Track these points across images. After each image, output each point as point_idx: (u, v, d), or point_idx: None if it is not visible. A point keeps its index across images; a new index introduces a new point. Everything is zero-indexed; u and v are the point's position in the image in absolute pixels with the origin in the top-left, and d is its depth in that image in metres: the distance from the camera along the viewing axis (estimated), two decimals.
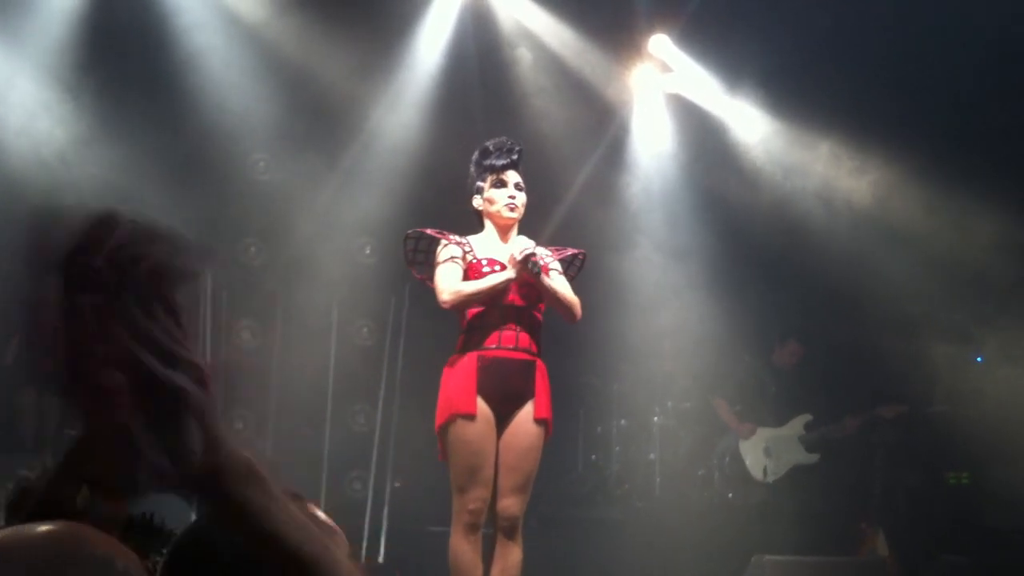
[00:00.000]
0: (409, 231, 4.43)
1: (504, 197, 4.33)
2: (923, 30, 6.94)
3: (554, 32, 7.66)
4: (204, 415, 0.82)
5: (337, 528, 1.59)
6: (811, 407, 7.53)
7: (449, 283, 4.21)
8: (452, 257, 4.27)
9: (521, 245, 4.26)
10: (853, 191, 7.77)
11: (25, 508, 1.15)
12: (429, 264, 4.36)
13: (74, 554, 0.96)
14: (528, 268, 4.14)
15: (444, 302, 4.21)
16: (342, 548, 1.61)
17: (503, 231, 4.38)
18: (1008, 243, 7.07)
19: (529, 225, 4.67)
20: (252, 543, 0.88)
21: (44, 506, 1.09)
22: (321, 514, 1.63)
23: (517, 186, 4.37)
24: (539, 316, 4.31)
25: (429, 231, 4.38)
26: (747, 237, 7.97)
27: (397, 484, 7.49)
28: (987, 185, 6.91)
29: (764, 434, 7.49)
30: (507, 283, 4.18)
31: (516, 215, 4.37)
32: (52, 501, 1.06)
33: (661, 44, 7.91)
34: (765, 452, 7.43)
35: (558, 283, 4.34)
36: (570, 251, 4.56)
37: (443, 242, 4.32)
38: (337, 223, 7.71)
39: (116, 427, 0.79)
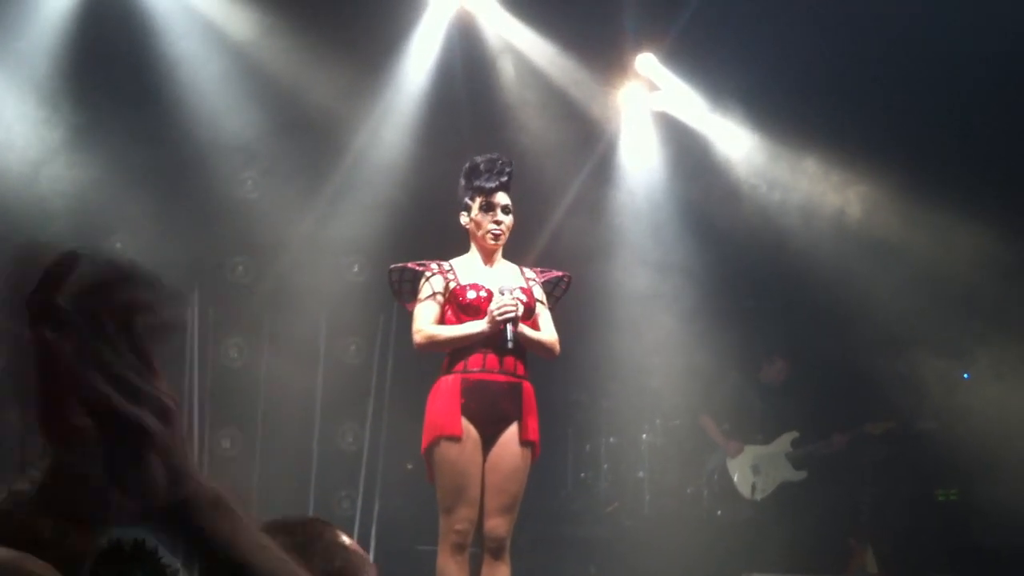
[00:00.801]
0: (391, 266, 4.45)
1: (489, 223, 4.35)
2: (906, 46, 6.99)
3: (542, 51, 7.69)
4: (167, 452, 0.83)
5: (366, 555, 1.59)
6: (798, 424, 7.54)
7: (423, 324, 4.27)
8: (433, 294, 4.30)
9: (505, 277, 4.29)
10: (839, 207, 7.81)
11: (4, 529, 1.14)
12: (415, 292, 4.38)
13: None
14: (503, 332, 4.15)
15: (416, 344, 4.30)
16: (368, 570, 1.60)
17: (488, 254, 4.40)
18: (995, 259, 7.10)
19: (517, 243, 4.69)
20: (226, 572, 0.88)
21: (20, 532, 1.08)
22: (348, 540, 1.62)
23: (505, 209, 4.39)
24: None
25: (411, 264, 4.40)
26: (734, 254, 8.00)
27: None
28: (974, 201, 6.95)
29: (752, 451, 7.49)
30: (479, 335, 4.20)
31: (500, 242, 4.40)
32: (27, 529, 1.06)
33: (648, 63, 7.94)
34: (753, 469, 7.43)
35: (542, 320, 4.37)
36: (555, 273, 4.58)
37: (426, 274, 4.34)
38: (325, 241, 7.71)
39: (83, 462, 0.80)
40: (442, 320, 4.30)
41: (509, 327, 4.13)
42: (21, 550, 1.04)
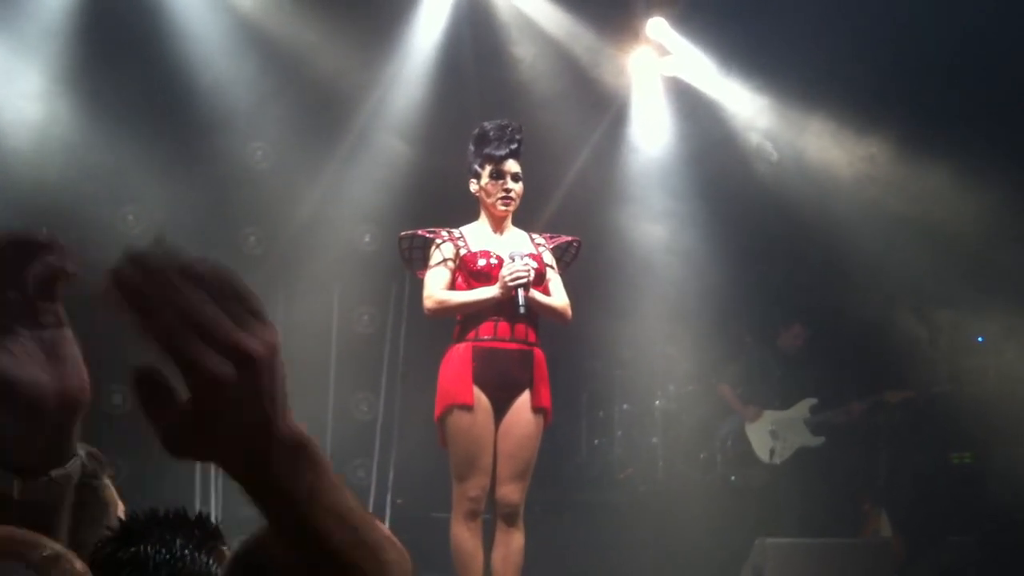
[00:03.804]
0: (401, 233, 4.45)
1: (500, 190, 4.33)
2: (915, 5, 6.92)
3: (552, 16, 7.62)
4: (244, 399, 0.80)
5: (399, 544, 1.57)
6: (816, 390, 7.52)
7: (434, 290, 4.26)
8: (444, 260, 4.29)
9: (514, 244, 4.28)
10: (853, 170, 7.75)
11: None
12: (426, 261, 4.37)
13: (20, 556, 0.97)
14: (514, 297, 4.13)
15: (427, 309, 4.29)
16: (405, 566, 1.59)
17: (497, 221, 4.39)
18: (1009, 221, 7.04)
19: (528, 209, 4.67)
20: (289, 531, 0.84)
21: None
22: (385, 530, 1.61)
23: (515, 176, 4.36)
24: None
25: (421, 232, 4.39)
26: (749, 220, 7.95)
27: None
28: (988, 162, 6.88)
29: (770, 416, 7.49)
30: (491, 300, 4.19)
31: (511, 208, 4.38)
32: None
33: (658, 27, 7.87)
34: (772, 434, 7.43)
35: (553, 285, 4.37)
36: (564, 239, 4.56)
37: (436, 241, 4.33)
38: (337, 211, 7.70)
39: (38, 413, 0.80)
40: (453, 287, 4.30)
41: (521, 292, 4.12)
42: None
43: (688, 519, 6.89)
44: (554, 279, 4.42)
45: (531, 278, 4.18)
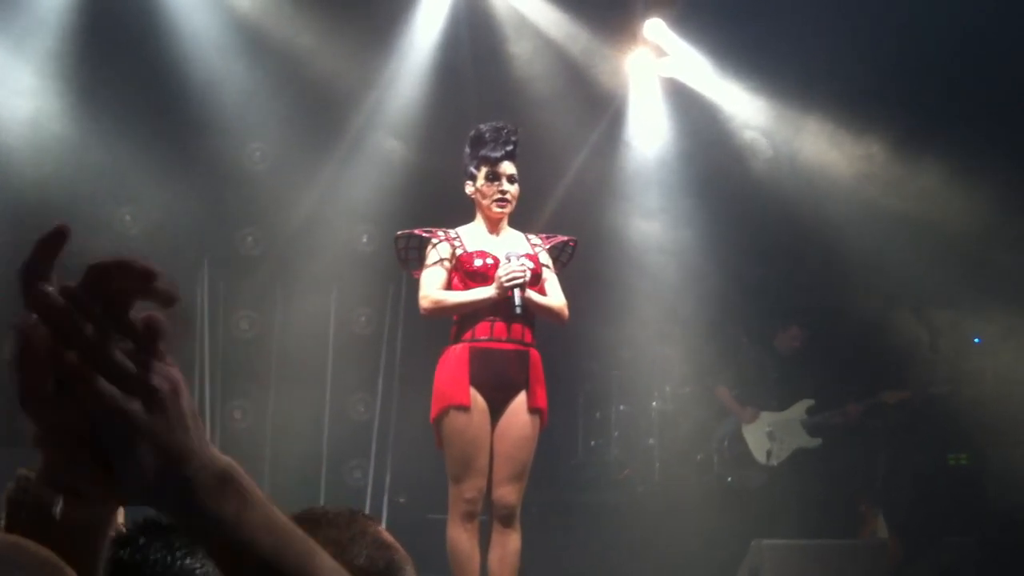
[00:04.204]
0: (397, 233, 4.45)
1: (495, 192, 4.33)
2: (913, 5, 6.93)
3: (549, 17, 7.62)
4: (159, 433, 0.81)
5: (400, 548, 1.57)
6: (813, 392, 7.52)
7: (431, 290, 4.26)
8: (440, 260, 4.29)
9: (511, 244, 4.28)
10: (850, 171, 7.75)
11: (26, 506, 1.16)
12: (422, 261, 4.37)
13: (18, 559, 0.97)
14: (510, 297, 4.14)
15: (423, 309, 4.29)
16: (408, 569, 1.58)
17: (493, 223, 4.39)
18: (1007, 221, 7.05)
19: (525, 211, 4.67)
20: (224, 554, 0.87)
21: (31, 514, 1.09)
22: (387, 536, 1.61)
23: (510, 178, 4.36)
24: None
25: (417, 231, 4.39)
26: (746, 221, 7.95)
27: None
28: (985, 161, 6.89)
29: (767, 418, 7.49)
30: (487, 301, 4.19)
31: (507, 210, 4.37)
32: (36, 510, 1.06)
33: (656, 28, 7.87)
34: (768, 436, 7.43)
35: (549, 285, 4.37)
36: (560, 238, 4.56)
37: (433, 240, 4.33)
38: (335, 212, 7.71)
39: (71, 444, 0.80)
40: (449, 287, 4.30)
41: (517, 292, 4.12)
42: (34, 532, 1.04)
43: (685, 520, 6.90)
44: (550, 279, 4.42)
45: (527, 278, 4.18)
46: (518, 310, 4.14)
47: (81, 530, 1.07)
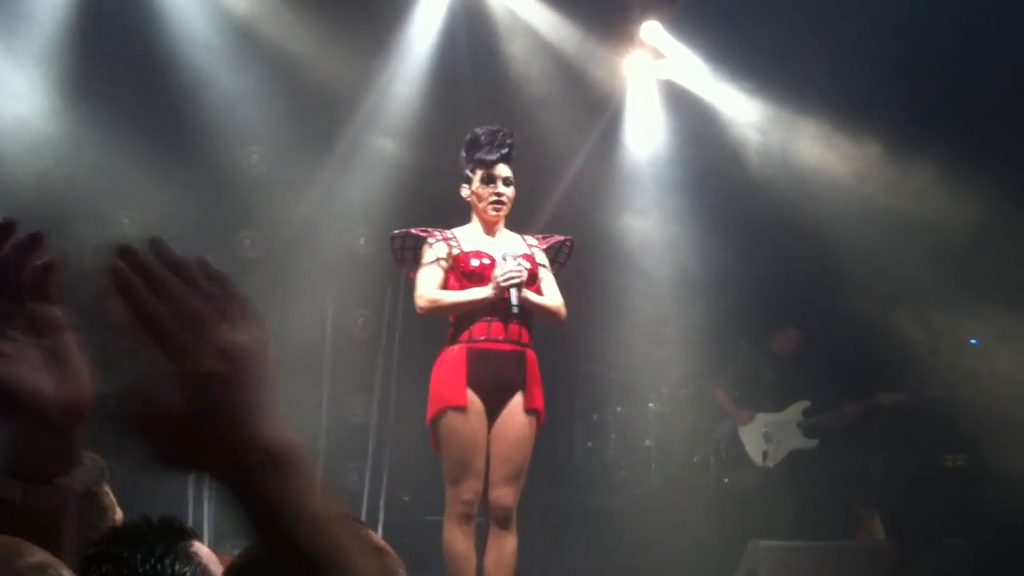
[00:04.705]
0: (394, 232, 4.46)
1: (491, 194, 4.34)
2: (911, 4, 6.95)
3: (546, 19, 7.63)
4: (231, 399, 0.79)
5: (391, 551, 1.57)
6: (810, 393, 7.53)
7: (427, 289, 4.26)
8: (436, 259, 4.30)
9: (507, 246, 4.29)
10: (847, 172, 7.76)
11: None
12: (417, 261, 4.38)
13: (16, 560, 0.97)
14: (507, 298, 4.14)
15: (420, 308, 4.30)
16: (401, 573, 1.59)
17: (489, 226, 4.40)
18: (1004, 222, 7.06)
19: (521, 213, 4.67)
20: (276, 541, 0.83)
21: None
22: (378, 539, 1.62)
23: (506, 181, 4.37)
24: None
25: (414, 230, 4.40)
26: (744, 223, 7.96)
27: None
28: (981, 164, 6.90)
29: (764, 419, 7.49)
30: (484, 300, 4.19)
31: (502, 213, 4.39)
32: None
33: (653, 31, 7.88)
34: (765, 437, 7.43)
35: (546, 285, 4.38)
36: (557, 238, 4.57)
37: (429, 240, 4.34)
38: (332, 214, 7.71)
39: (42, 421, 0.79)
40: (445, 286, 4.30)
41: (514, 292, 4.13)
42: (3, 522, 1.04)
43: (682, 522, 6.90)
44: (547, 279, 4.43)
45: (524, 278, 4.19)
46: (515, 310, 4.15)
47: (43, 515, 1.06)
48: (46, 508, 1.05)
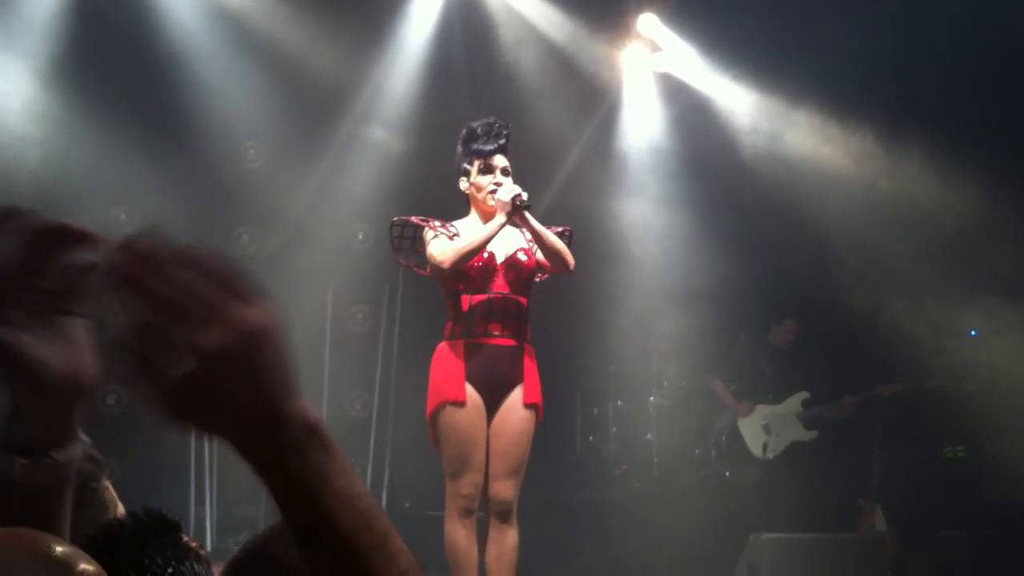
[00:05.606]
0: (394, 219, 4.45)
1: (489, 184, 4.32)
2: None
3: (543, 12, 7.63)
4: (255, 371, 0.78)
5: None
6: (808, 385, 7.52)
7: (443, 246, 4.19)
8: (442, 234, 4.28)
9: (506, 238, 4.28)
10: (844, 165, 7.76)
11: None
12: (415, 251, 4.37)
13: (33, 555, 0.95)
14: (517, 206, 4.13)
15: (444, 263, 4.14)
16: None
17: (488, 217, 4.38)
18: (1001, 214, 7.05)
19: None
20: (302, 517, 0.82)
21: None
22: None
23: (504, 171, 4.36)
24: (526, 303, 4.33)
25: (414, 219, 4.39)
26: (741, 215, 7.96)
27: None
28: (976, 156, 6.90)
29: (763, 411, 7.49)
30: (500, 228, 4.17)
31: None
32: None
33: (650, 23, 7.87)
34: (764, 429, 7.43)
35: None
36: (555, 229, 4.56)
37: (429, 232, 4.33)
38: (330, 210, 7.70)
39: (42, 388, 0.79)
40: (449, 280, 4.29)
41: (521, 198, 4.12)
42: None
43: (683, 515, 6.90)
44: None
45: (525, 196, 4.17)
46: (527, 201, 4.13)
47: (40, 491, 1.05)
48: (43, 484, 1.04)
